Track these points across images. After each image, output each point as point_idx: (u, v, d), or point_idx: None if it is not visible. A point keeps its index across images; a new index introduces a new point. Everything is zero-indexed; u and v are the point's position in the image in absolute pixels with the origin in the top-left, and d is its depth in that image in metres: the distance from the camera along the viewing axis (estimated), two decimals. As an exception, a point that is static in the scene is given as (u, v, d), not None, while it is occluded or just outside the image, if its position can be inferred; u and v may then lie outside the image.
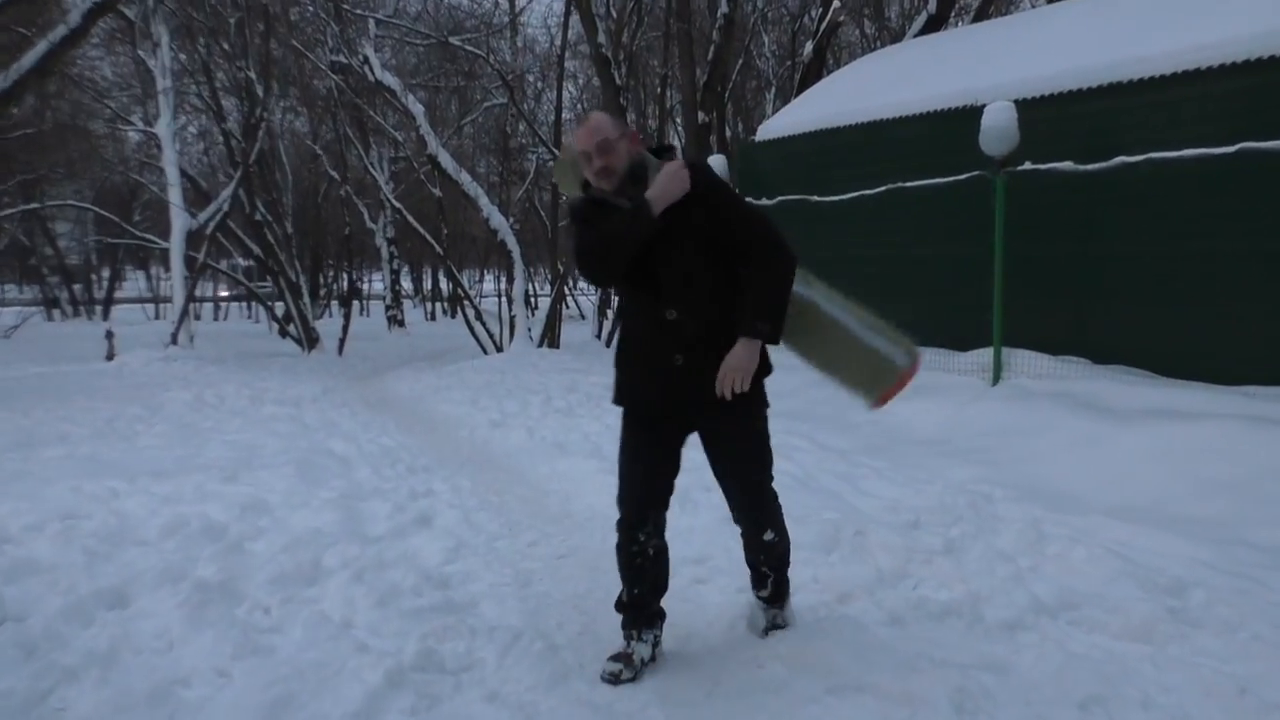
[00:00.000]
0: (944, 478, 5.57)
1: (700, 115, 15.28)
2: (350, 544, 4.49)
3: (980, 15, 15.47)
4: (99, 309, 35.05)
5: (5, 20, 9.99)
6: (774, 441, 3.22)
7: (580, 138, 3.03)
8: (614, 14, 17.78)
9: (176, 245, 16.60)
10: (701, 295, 3.02)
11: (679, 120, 21.32)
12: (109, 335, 16.36)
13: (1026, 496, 5.13)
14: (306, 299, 19.09)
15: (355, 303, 27.48)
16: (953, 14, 17.23)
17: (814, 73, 15.34)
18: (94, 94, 20.65)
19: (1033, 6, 20.21)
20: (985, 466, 5.82)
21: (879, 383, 3.16)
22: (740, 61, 20.88)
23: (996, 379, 7.51)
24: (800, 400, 7.79)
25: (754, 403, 3.11)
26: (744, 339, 2.97)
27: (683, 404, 3.06)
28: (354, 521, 5.01)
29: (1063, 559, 4.05)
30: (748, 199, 3.16)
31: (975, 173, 7.67)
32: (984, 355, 7.93)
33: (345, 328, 19.76)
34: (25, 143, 20.58)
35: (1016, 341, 7.80)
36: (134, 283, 41.87)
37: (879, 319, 3.21)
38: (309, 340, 18.25)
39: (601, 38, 15.12)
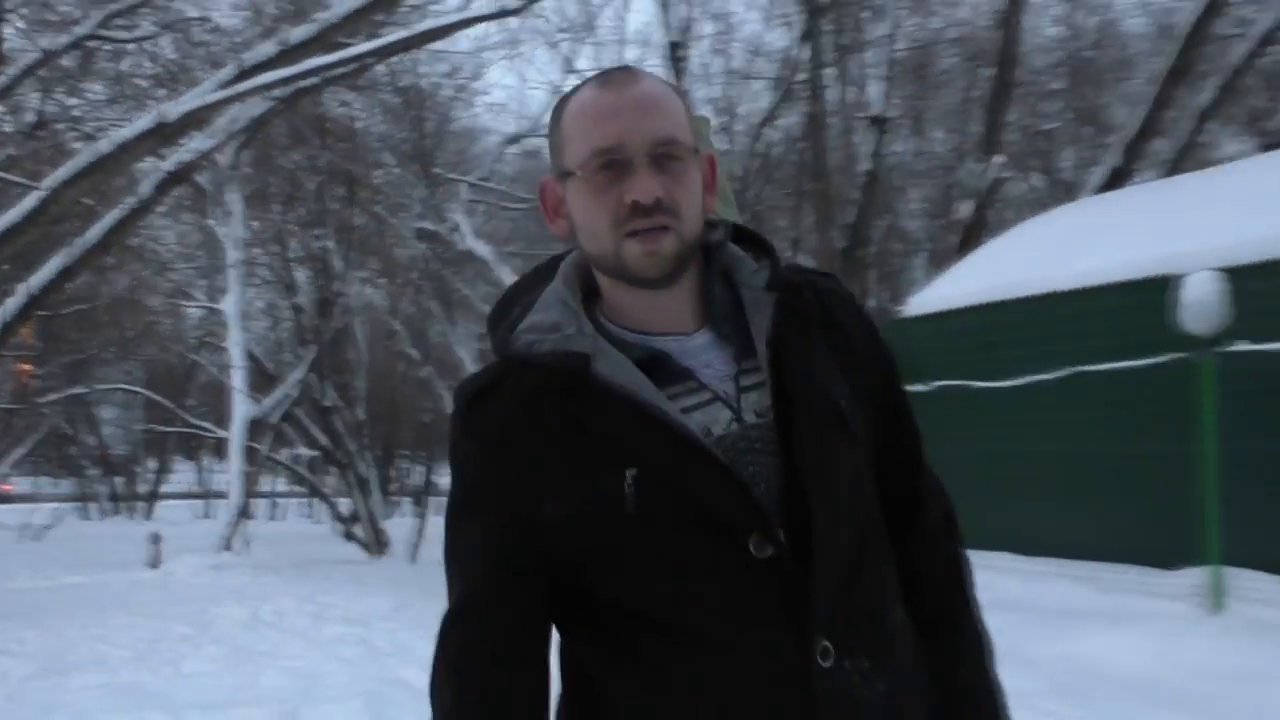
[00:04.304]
0: (1156, 733, 5.34)
1: (840, 285, 15.58)
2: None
3: (1176, 168, 15.53)
4: (141, 505, 36.37)
5: (73, 192, 10.96)
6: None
7: (604, 113, 1.38)
8: (738, 173, 18.49)
9: (237, 436, 17.31)
10: (884, 593, 1.49)
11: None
12: (155, 539, 16.92)
13: (1266, 762, 4.88)
14: (377, 495, 19.53)
15: (431, 500, 27.94)
16: (1140, 164, 17.36)
17: (975, 236, 15.61)
18: (156, 266, 22.04)
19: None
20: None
21: None
22: (885, 223, 21.35)
23: (1217, 606, 7.23)
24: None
25: None
26: None
27: None
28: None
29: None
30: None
31: (1175, 354, 7.63)
32: (1199, 575, 7.63)
33: (420, 530, 20.03)
34: (76, 320, 21.91)
35: (1241, 559, 7.50)
36: (182, 475, 43.45)
37: None
38: (378, 544, 18.55)
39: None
